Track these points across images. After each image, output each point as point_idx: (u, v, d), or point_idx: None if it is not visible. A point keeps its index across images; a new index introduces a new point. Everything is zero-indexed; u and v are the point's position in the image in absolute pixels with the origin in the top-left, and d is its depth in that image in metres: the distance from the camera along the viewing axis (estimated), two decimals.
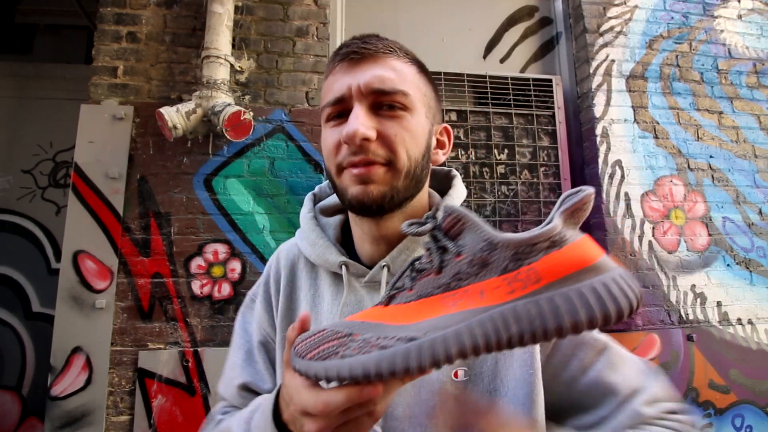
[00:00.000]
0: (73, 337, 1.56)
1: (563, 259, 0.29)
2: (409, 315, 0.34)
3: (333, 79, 0.55)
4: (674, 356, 1.89)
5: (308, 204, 0.67)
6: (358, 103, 0.52)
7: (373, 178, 0.51)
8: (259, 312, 0.65)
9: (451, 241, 0.34)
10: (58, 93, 2.38)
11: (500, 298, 0.30)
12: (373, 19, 2.15)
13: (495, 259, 0.31)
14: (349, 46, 0.54)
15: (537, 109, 2.11)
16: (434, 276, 0.34)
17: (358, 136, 0.49)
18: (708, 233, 2.06)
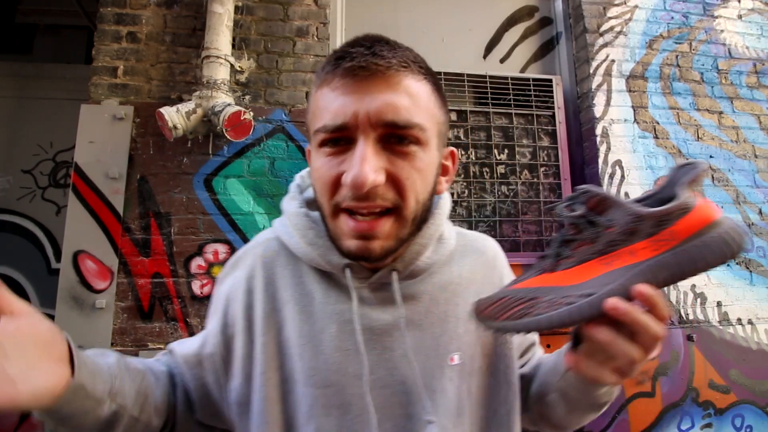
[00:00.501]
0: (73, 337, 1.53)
1: (692, 221, 0.39)
2: (576, 277, 0.42)
3: (331, 96, 0.46)
4: (674, 356, 1.89)
5: (297, 197, 0.60)
6: (365, 136, 0.44)
7: (377, 234, 0.47)
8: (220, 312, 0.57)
9: (600, 216, 0.42)
10: (58, 93, 2.38)
11: (649, 254, 0.40)
12: (373, 19, 2.15)
13: (642, 227, 0.40)
14: (354, 57, 0.45)
15: (537, 109, 2.11)
16: (588, 245, 0.42)
17: (366, 185, 0.43)
18: None
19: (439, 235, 0.59)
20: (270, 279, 0.57)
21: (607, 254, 0.41)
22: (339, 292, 0.56)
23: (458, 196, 1.99)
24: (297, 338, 0.54)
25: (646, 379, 1.85)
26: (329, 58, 0.48)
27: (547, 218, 2.04)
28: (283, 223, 0.60)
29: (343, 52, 0.46)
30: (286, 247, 0.58)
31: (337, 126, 0.45)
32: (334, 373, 0.52)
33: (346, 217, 0.47)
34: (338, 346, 0.53)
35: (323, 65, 0.49)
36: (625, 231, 0.40)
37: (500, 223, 2.00)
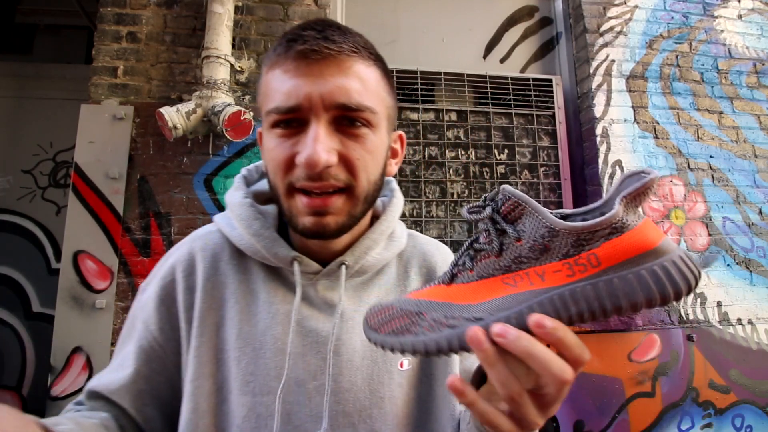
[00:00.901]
0: (73, 337, 1.56)
1: (624, 244, 0.31)
2: (472, 295, 0.35)
3: (283, 78, 0.46)
4: (674, 356, 1.89)
5: (242, 188, 0.58)
6: (318, 118, 0.45)
7: (330, 210, 0.47)
8: (149, 310, 0.53)
9: (510, 225, 0.35)
10: (58, 93, 2.38)
11: (560, 281, 0.32)
12: (373, 19, 2.15)
13: (556, 245, 0.32)
14: (306, 40, 0.45)
15: (537, 109, 2.11)
16: (494, 258, 0.35)
17: (320, 165, 0.44)
18: (708, 233, 2.06)
19: (390, 233, 0.59)
20: (211, 275, 0.53)
21: (513, 272, 0.34)
22: (286, 291, 0.53)
23: (458, 195, 1.99)
24: (235, 341, 0.50)
25: (646, 379, 1.85)
26: (280, 41, 0.48)
27: None
28: (225, 216, 0.57)
29: (294, 34, 0.46)
30: (230, 241, 0.55)
31: (290, 107, 0.45)
32: (274, 379, 0.49)
33: (301, 195, 0.47)
34: (281, 350, 0.50)
35: (274, 47, 0.49)
36: (535, 247, 0.33)
37: None
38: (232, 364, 0.50)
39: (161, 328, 0.52)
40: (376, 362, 0.53)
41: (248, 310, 0.52)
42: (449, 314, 0.35)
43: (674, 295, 0.29)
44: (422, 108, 2.02)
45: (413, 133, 2.00)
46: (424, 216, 1.95)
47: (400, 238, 0.60)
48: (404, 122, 2.00)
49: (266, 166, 0.51)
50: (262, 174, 0.63)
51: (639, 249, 0.30)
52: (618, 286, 0.30)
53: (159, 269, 0.56)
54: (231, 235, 0.55)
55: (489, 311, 0.33)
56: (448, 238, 1.94)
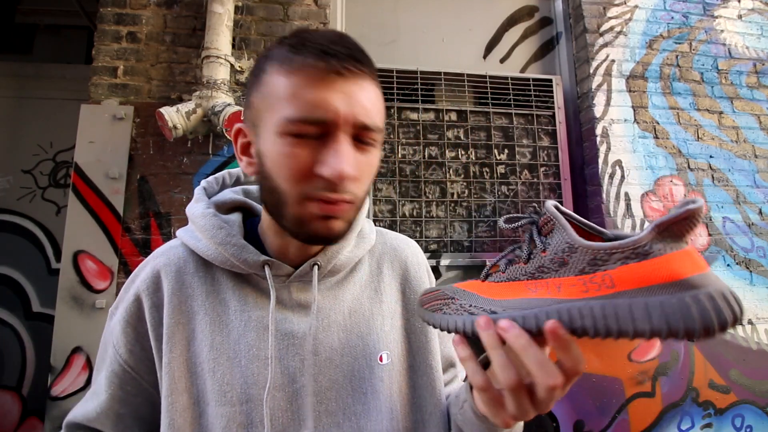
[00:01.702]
0: (73, 337, 1.56)
1: (643, 270, 0.30)
2: (498, 292, 0.40)
3: (302, 85, 0.45)
4: (674, 356, 1.89)
5: (203, 200, 0.58)
6: (345, 134, 0.46)
7: (339, 215, 0.48)
8: (117, 334, 0.52)
9: (540, 237, 0.39)
10: (58, 93, 2.38)
11: (575, 294, 0.34)
12: (373, 19, 2.15)
13: (574, 260, 0.35)
14: (339, 57, 0.45)
15: (537, 109, 2.11)
16: (522, 264, 0.39)
17: (348, 179, 0.45)
18: (708, 233, 2.06)
19: (359, 231, 0.60)
20: (176, 289, 0.53)
21: (536, 279, 0.38)
22: (257, 296, 0.53)
23: (458, 196, 1.99)
24: (208, 352, 0.50)
25: (646, 379, 1.85)
26: (304, 46, 0.46)
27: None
28: (188, 229, 0.57)
29: (325, 46, 0.45)
30: (195, 253, 0.55)
31: (317, 119, 0.45)
32: (252, 386, 0.49)
33: (317, 203, 0.47)
34: (256, 356, 0.50)
35: (293, 49, 0.47)
36: (556, 259, 0.36)
37: None
38: (207, 377, 0.49)
39: (131, 350, 0.52)
40: (356, 358, 0.53)
41: (219, 320, 0.52)
42: (473, 303, 0.41)
43: (685, 332, 0.27)
44: (422, 108, 2.02)
45: (413, 133, 2.00)
46: (424, 216, 1.95)
47: (370, 234, 0.62)
48: (404, 122, 2.00)
49: (270, 170, 0.49)
50: (222, 185, 0.64)
51: (662, 278, 0.29)
52: (628, 311, 0.30)
53: (125, 292, 0.55)
54: (196, 247, 0.54)
55: (505, 307, 0.38)
56: (448, 238, 1.94)
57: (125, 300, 0.54)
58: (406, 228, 1.92)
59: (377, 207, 1.92)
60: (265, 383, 0.48)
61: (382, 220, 1.90)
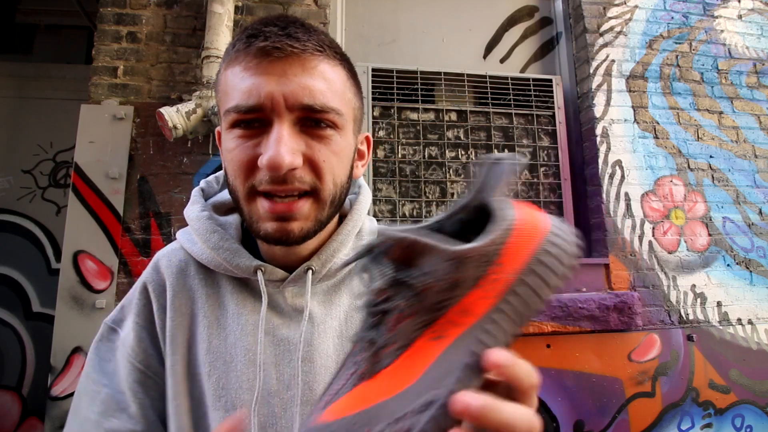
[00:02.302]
0: (73, 337, 1.56)
1: (518, 242, 0.30)
2: (406, 374, 0.27)
3: (243, 75, 0.44)
4: (674, 356, 1.89)
5: (199, 201, 0.56)
6: (281, 118, 0.43)
7: (296, 216, 0.45)
8: (131, 344, 0.51)
9: (409, 271, 0.28)
10: (58, 93, 2.38)
11: (483, 307, 0.28)
12: (373, 19, 2.15)
13: (467, 272, 0.28)
14: (268, 37, 0.43)
15: (537, 109, 2.11)
16: (410, 319, 0.28)
17: (284, 167, 0.42)
18: (708, 233, 2.06)
19: (357, 232, 0.57)
20: (178, 291, 0.52)
21: (435, 322, 0.28)
22: (255, 301, 0.52)
23: (458, 196, 1.99)
24: (205, 355, 0.49)
25: (646, 379, 1.85)
26: (240, 36, 0.45)
27: None
28: (186, 231, 0.56)
29: (255, 30, 0.44)
30: (193, 256, 0.54)
31: (251, 106, 0.43)
32: (247, 392, 0.47)
33: (263, 199, 0.45)
34: (252, 361, 0.48)
35: (233, 42, 0.46)
36: (445, 284, 0.28)
37: None
38: (204, 380, 0.48)
39: (150, 354, 0.51)
40: None
41: (218, 323, 0.51)
42: (395, 415, 0.25)
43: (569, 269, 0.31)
44: (422, 108, 2.02)
45: (413, 133, 2.00)
46: (424, 216, 1.95)
47: (370, 236, 0.59)
48: (404, 122, 2.00)
49: (226, 167, 0.48)
50: (222, 184, 0.61)
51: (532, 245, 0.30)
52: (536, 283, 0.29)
53: (131, 299, 0.54)
54: (192, 251, 0.53)
55: (433, 386, 0.26)
56: None
57: (134, 307, 0.53)
58: None
59: (377, 207, 1.92)
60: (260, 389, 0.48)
61: (382, 220, 1.90)
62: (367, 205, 0.59)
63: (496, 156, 0.32)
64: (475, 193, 0.32)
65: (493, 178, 0.31)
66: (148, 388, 0.50)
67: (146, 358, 0.50)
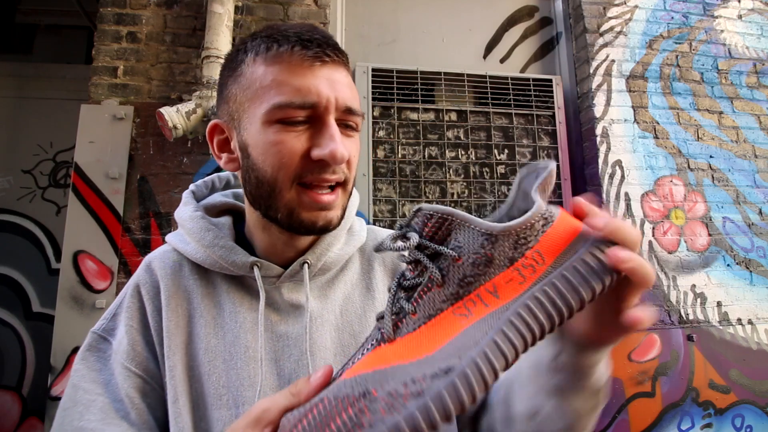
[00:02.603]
0: (73, 337, 1.56)
1: (557, 234, 0.30)
2: (427, 343, 0.28)
3: (289, 73, 0.46)
4: (674, 356, 1.89)
5: (191, 203, 0.58)
6: (331, 117, 0.48)
7: (335, 205, 0.50)
8: (125, 349, 0.50)
9: (442, 246, 0.30)
10: (58, 93, 2.38)
11: (515, 291, 0.29)
12: (373, 19, 2.15)
13: (498, 251, 0.29)
14: (320, 44, 0.47)
15: (537, 109, 2.11)
16: (437, 289, 0.30)
17: (344, 159, 0.47)
18: (708, 233, 2.06)
19: (349, 228, 0.61)
20: (173, 292, 0.52)
21: (463, 298, 0.29)
22: (251, 298, 0.53)
23: (458, 196, 1.99)
24: (204, 355, 0.49)
25: (646, 379, 1.85)
26: (276, 37, 0.48)
27: None
28: (177, 233, 0.57)
29: (302, 34, 0.48)
30: (186, 257, 0.55)
31: (306, 103, 0.46)
32: (247, 389, 0.48)
33: (308, 191, 0.48)
34: (252, 357, 0.49)
35: (273, 40, 0.48)
36: (479, 260, 0.29)
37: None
38: (204, 380, 0.49)
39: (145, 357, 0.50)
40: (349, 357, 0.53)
41: (215, 322, 0.51)
42: (407, 379, 0.26)
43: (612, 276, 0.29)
44: (422, 108, 2.02)
45: (413, 133, 2.00)
46: None
47: (360, 231, 0.62)
48: (404, 122, 2.00)
49: (259, 161, 0.48)
50: (212, 189, 0.64)
51: (570, 235, 0.30)
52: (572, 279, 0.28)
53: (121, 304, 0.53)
54: (185, 251, 0.54)
55: (455, 355, 0.26)
56: None
57: (126, 311, 0.52)
58: None
59: (377, 207, 1.92)
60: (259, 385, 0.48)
61: (382, 220, 1.90)
62: (356, 206, 0.63)
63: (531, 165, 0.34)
64: (516, 196, 0.34)
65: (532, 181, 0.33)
66: (146, 394, 0.49)
67: (143, 361, 0.50)
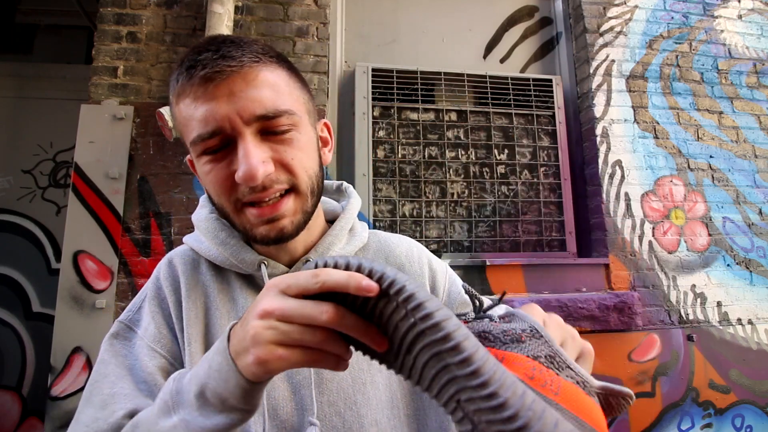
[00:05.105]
0: (73, 337, 1.56)
1: (581, 402, 0.31)
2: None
3: (194, 106, 0.46)
4: (674, 356, 1.89)
5: (207, 206, 0.61)
6: (242, 134, 0.46)
7: (284, 213, 0.49)
8: (152, 333, 0.53)
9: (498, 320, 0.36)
10: (58, 93, 2.38)
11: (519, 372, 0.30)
12: (373, 19, 2.15)
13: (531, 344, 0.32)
14: (206, 64, 0.45)
15: (537, 109, 2.11)
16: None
17: (258, 177, 0.45)
18: (708, 233, 2.06)
19: (350, 229, 0.62)
20: (193, 285, 0.55)
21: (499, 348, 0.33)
22: None
23: (458, 196, 1.99)
24: None
25: (646, 379, 1.85)
26: (180, 69, 0.48)
27: (547, 218, 2.04)
28: (193, 234, 0.60)
29: (191, 61, 0.46)
30: (202, 256, 0.58)
31: (211, 131, 0.46)
32: None
33: (250, 208, 0.49)
34: None
35: (175, 76, 0.49)
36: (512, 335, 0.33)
37: (500, 223, 2.00)
38: None
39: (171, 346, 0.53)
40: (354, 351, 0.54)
41: (229, 315, 0.54)
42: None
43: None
44: (422, 108, 2.02)
45: (413, 133, 2.00)
46: (424, 216, 1.95)
47: (362, 233, 0.64)
48: (404, 122, 2.00)
49: (208, 191, 0.52)
50: None
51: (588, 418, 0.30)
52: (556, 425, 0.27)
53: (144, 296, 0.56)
54: (200, 249, 0.57)
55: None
56: (448, 238, 1.94)
57: (150, 301, 0.55)
58: (406, 228, 1.92)
59: (377, 207, 1.92)
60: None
61: (382, 220, 1.90)
62: (357, 208, 0.65)
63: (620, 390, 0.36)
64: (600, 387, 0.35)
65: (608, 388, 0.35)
66: (168, 374, 0.51)
67: (167, 344, 0.53)
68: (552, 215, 2.04)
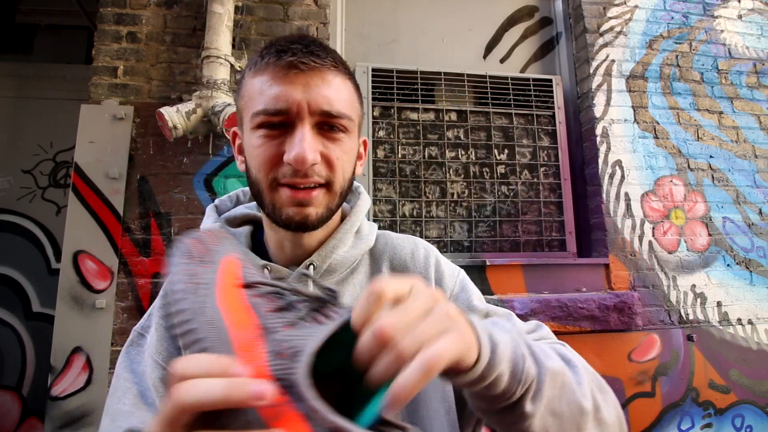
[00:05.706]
0: (73, 337, 1.56)
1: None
2: None
3: (269, 84, 0.51)
4: (674, 356, 1.89)
5: (213, 215, 0.64)
6: (303, 122, 0.51)
7: (313, 202, 0.53)
8: (154, 343, 0.54)
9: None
10: (58, 93, 2.38)
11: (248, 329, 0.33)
12: (373, 19, 2.15)
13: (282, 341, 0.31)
14: (296, 53, 0.51)
15: (537, 109, 2.11)
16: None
17: (307, 162, 0.49)
18: (708, 233, 2.06)
19: (356, 231, 0.63)
20: None
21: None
22: None
23: (458, 196, 1.99)
24: None
25: (646, 379, 1.85)
26: (268, 50, 0.53)
27: (547, 218, 2.04)
28: None
29: (283, 46, 0.52)
30: None
31: (278, 110, 0.50)
32: None
33: (285, 188, 0.52)
34: None
35: (261, 55, 0.53)
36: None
37: (500, 223, 2.00)
38: None
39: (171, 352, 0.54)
40: None
41: None
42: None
43: None
44: (422, 108, 2.02)
45: (413, 133, 2.00)
46: (424, 216, 1.95)
47: (369, 235, 0.64)
48: (404, 122, 2.00)
49: (249, 163, 0.55)
50: (236, 202, 0.70)
51: None
52: None
53: (155, 304, 0.59)
54: None
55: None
56: (448, 238, 1.94)
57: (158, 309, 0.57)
58: (406, 228, 1.92)
59: (377, 207, 1.92)
60: None
61: (382, 220, 1.90)
62: (365, 209, 0.66)
63: None
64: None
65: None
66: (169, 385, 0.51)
67: (168, 355, 0.54)
68: (552, 215, 2.04)
